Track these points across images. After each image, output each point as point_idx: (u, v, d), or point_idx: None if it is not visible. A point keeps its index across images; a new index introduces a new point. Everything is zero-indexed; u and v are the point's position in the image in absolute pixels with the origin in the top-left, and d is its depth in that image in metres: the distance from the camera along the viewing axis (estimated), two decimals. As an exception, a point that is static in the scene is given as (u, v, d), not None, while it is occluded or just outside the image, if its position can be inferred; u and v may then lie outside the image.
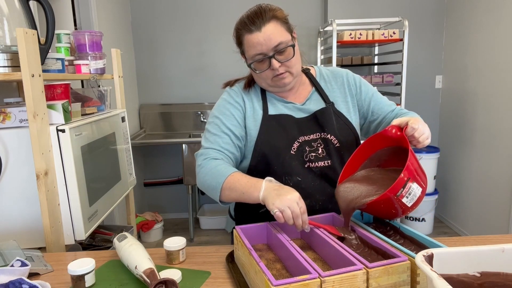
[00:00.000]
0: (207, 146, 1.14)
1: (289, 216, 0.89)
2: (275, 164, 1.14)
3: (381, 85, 3.19)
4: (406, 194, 0.89)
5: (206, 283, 0.92)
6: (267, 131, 1.15)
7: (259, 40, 1.06)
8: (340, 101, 1.22)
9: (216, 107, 1.22)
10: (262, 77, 1.13)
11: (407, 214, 0.97)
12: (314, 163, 1.15)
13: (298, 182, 1.14)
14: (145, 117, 3.56)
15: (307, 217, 0.92)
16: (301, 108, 1.19)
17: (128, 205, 2.05)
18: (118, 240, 1.02)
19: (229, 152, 1.14)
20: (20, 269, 0.92)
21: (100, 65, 1.71)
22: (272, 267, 0.87)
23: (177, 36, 3.48)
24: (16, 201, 1.28)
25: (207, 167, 1.08)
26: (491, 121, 2.79)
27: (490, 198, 2.82)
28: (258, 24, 1.06)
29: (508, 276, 0.66)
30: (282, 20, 1.09)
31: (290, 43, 1.09)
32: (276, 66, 1.08)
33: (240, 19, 1.11)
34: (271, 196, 0.93)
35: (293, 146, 1.14)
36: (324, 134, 1.16)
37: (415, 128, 0.96)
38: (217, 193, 1.04)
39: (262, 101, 1.20)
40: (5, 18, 1.23)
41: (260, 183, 0.98)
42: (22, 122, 1.28)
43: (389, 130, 1.00)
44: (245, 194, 0.99)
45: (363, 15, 3.34)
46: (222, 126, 1.16)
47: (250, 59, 1.11)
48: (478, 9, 2.90)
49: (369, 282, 0.74)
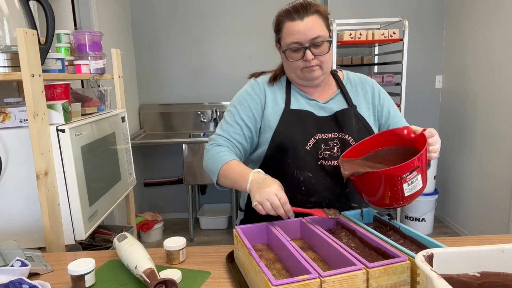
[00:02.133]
0: (219, 133, 1.21)
1: (269, 208, 0.94)
2: (289, 157, 1.16)
3: (381, 85, 3.18)
4: (409, 181, 0.88)
5: (206, 283, 0.92)
6: (286, 124, 1.17)
7: (299, 28, 1.09)
8: (363, 106, 1.23)
9: (236, 96, 1.26)
10: (293, 67, 1.16)
11: (399, 205, 0.94)
12: (328, 161, 1.16)
13: (309, 177, 1.15)
14: (145, 117, 3.56)
15: (290, 206, 0.96)
16: (323, 106, 1.20)
17: (128, 205, 2.05)
18: (118, 240, 1.02)
19: (237, 142, 1.19)
20: (20, 269, 0.92)
21: (100, 65, 1.71)
22: (272, 267, 0.87)
23: (177, 36, 3.48)
24: (16, 201, 1.28)
25: (211, 152, 1.16)
26: (491, 121, 2.79)
27: (490, 198, 2.82)
28: (302, 14, 1.09)
29: (508, 276, 0.66)
30: (324, 16, 1.13)
31: (328, 38, 1.12)
32: (309, 58, 1.11)
33: (283, 9, 1.14)
34: (254, 189, 0.99)
35: (309, 142, 1.16)
36: (342, 134, 1.17)
37: (433, 133, 0.99)
38: (215, 177, 1.12)
39: (286, 95, 1.22)
40: (5, 18, 1.23)
41: (248, 175, 1.03)
42: (22, 122, 1.28)
43: (403, 130, 1.03)
44: (236, 184, 1.06)
45: (363, 15, 3.34)
46: (237, 116, 1.20)
47: (286, 46, 1.13)
48: (478, 9, 2.90)
49: (369, 282, 0.74)
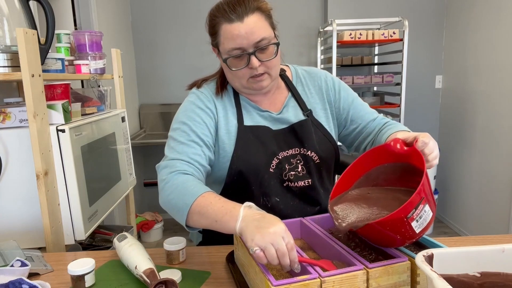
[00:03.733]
0: (173, 157, 0.97)
1: (273, 256, 0.71)
2: (252, 184, 1.04)
3: (381, 85, 3.20)
4: (417, 217, 0.75)
5: (206, 283, 0.92)
6: (244, 146, 1.03)
7: (240, 32, 0.92)
8: (319, 108, 1.12)
9: (182, 111, 1.05)
10: (237, 76, 1.00)
11: (411, 242, 0.81)
12: (294, 182, 1.06)
13: (277, 203, 1.05)
14: (145, 117, 3.56)
15: (296, 254, 0.74)
16: (277, 118, 1.08)
17: (128, 205, 2.05)
18: (118, 240, 1.02)
19: (199, 164, 0.97)
20: (20, 269, 0.92)
21: (100, 65, 1.71)
22: (272, 267, 0.87)
23: (177, 36, 3.48)
24: (16, 201, 1.28)
25: (173, 183, 0.90)
26: (491, 121, 2.79)
27: (490, 198, 2.82)
28: (240, 14, 0.92)
29: (508, 276, 0.66)
30: (267, 14, 0.97)
31: (274, 40, 0.97)
32: (256, 65, 0.96)
33: (217, 5, 0.97)
34: (250, 229, 0.74)
35: (272, 163, 1.04)
36: (304, 150, 1.07)
37: (426, 142, 0.82)
38: (184, 217, 0.86)
39: (236, 108, 1.07)
40: (5, 18, 1.23)
41: (237, 210, 0.79)
42: (22, 122, 1.28)
43: (393, 145, 0.88)
44: (218, 223, 0.81)
45: (363, 15, 3.34)
46: (192, 134, 1.00)
47: (226, 54, 0.97)
48: (478, 9, 2.90)
49: (369, 282, 0.74)
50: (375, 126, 1.12)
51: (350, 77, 3.13)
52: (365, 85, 3.14)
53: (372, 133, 1.13)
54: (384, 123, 1.12)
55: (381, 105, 3.18)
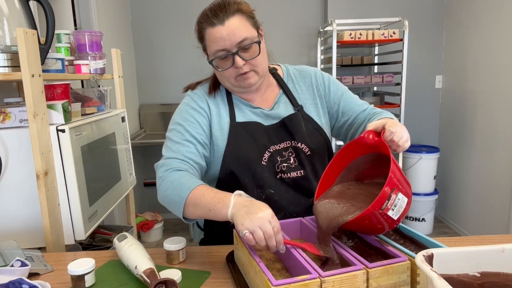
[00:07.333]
0: (169, 156, 1.03)
1: (261, 238, 0.78)
2: (246, 177, 1.07)
3: (381, 85, 3.20)
4: (391, 207, 0.80)
5: (206, 283, 0.92)
6: (236, 141, 1.07)
7: (222, 34, 0.98)
8: (309, 103, 1.16)
9: (177, 112, 1.11)
10: (225, 76, 1.06)
11: (395, 227, 0.87)
12: (286, 174, 1.09)
13: (271, 194, 1.07)
14: (145, 117, 3.56)
15: (282, 237, 0.81)
16: (269, 114, 1.12)
17: (128, 205, 2.05)
18: (118, 240, 1.02)
19: (193, 162, 1.03)
20: (20, 269, 0.92)
21: (100, 65, 1.71)
22: (272, 267, 0.87)
23: (177, 36, 3.48)
24: (16, 201, 1.28)
25: (169, 179, 0.97)
26: (491, 121, 2.79)
27: (490, 198, 2.82)
28: (221, 17, 0.98)
29: (508, 276, 0.66)
30: (248, 15, 1.02)
31: (256, 39, 1.02)
32: (240, 64, 1.01)
33: (202, 12, 1.03)
34: (240, 214, 0.81)
35: (264, 156, 1.08)
36: (294, 142, 1.10)
37: (393, 131, 0.87)
38: (180, 209, 0.93)
39: (229, 106, 1.12)
40: (5, 18, 1.23)
41: (228, 198, 0.86)
42: (22, 122, 1.28)
43: (366, 137, 0.91)
44: (212, 211, 0.88)
45: (363, 15, 3.34)
46: (186, 134, 1.06)
47: (212, 56, 1.03)
48: (478, 9, 2.90)
49: (369, 282, 0.74)
50: (365, 117, 1.15)
51: (350, 77, 3.13)
52: (365, 85, 3.14)
53: (363, 124, 1.15)
54: (373, 113, 1.14)
55: (381, 105, 3.18)
